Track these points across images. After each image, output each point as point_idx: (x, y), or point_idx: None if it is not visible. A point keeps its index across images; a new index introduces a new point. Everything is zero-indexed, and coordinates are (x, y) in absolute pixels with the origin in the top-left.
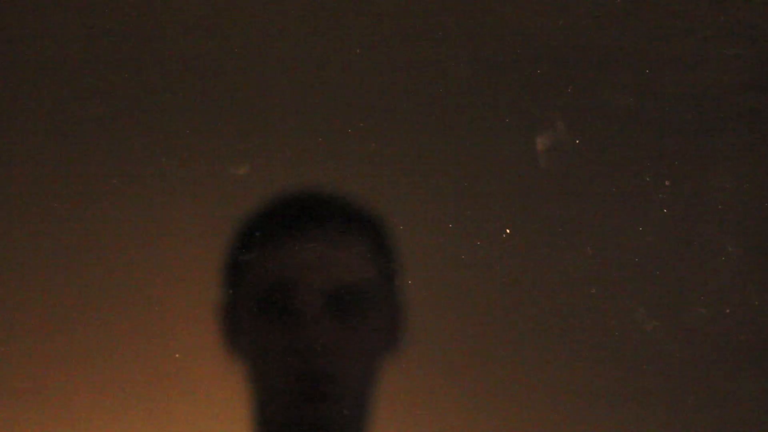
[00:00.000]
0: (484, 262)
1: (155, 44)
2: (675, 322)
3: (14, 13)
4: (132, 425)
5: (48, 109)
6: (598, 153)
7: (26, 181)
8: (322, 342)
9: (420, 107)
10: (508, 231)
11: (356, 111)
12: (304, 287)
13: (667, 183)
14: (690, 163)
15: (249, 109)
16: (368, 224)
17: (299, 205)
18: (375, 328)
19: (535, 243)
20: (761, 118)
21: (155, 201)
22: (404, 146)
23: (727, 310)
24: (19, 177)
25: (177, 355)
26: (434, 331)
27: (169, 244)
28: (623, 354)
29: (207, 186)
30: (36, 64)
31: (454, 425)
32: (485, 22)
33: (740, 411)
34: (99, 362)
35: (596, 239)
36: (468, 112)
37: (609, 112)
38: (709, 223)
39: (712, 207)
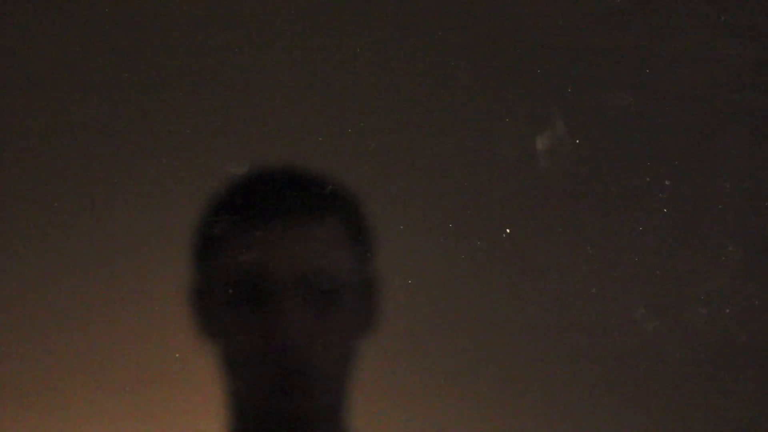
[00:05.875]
0: (484, 262)
1: (155, 44)
2: (675, 322)
3: (14, 13)
4: (128, 424)
5: (47, 108)
6: (598, 153)
7: (25, 181)
8: (297, 330)
9: (420, 107)
10: (508, 231)
11: (356, 111)
12: (278, 275)
13: (667, 183)
14: (690, 163)
15: (249, 109)
16: (342, 210)
17: (281, 194)
18: (351, 316)
19: (535, 243)
20: (761, 118)
21: (155, 200)
22: (404, 146)
23: (727, 310)
24: (18, 177)
25: (177, 355)
26: (434, 330)
27: (169, 244)
28: (623, 354)
29: (207, 186)
30: (36, 64)
31: (449, 424)
32: (485, 22)
33: (740, 411)
34: (98, 362)
35: (596, 239)
36: (468, 112)
37: (609, 112)
38: (709, 223)
39: (712, 207)
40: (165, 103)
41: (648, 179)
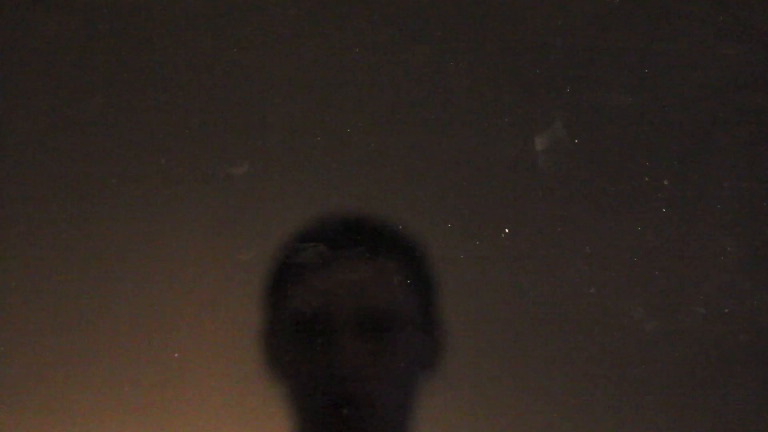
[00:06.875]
0: (484, 262)
1: (155, 44)
2: (675, 322)
3: (14, 13)
4: (128, 424)
5: (48, 108)
6: (597, 153)
7: (26, 182)
8: (358, 366)
9: (420, 107)
10: (507, 231)
11: (356, 111)
12: (340, 312)
13: (666, 183)
14: (690, 163)
15: (249, 109)
16: (406, 249)
17: (332, 226)
18: (412, 354)
19: (535, 243)
20: (761, 118)
21: (155, 201)
22: (404, 146)
23: (727, 310)
24: (19, 177)
25: (176, 355)
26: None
27: (169, 244)
28: (623, 354)
29: (207, 186)
30: (36, 63)
31: (448, 424)
32: (485, 22)
33: (740, 411)
34: (98, 362)
35: (595, 239)
36: (468, 112)
37: (609, 112)
38: (709, 223)
39: (712, 207)
40: (165, 103)
41: (647, 179)
